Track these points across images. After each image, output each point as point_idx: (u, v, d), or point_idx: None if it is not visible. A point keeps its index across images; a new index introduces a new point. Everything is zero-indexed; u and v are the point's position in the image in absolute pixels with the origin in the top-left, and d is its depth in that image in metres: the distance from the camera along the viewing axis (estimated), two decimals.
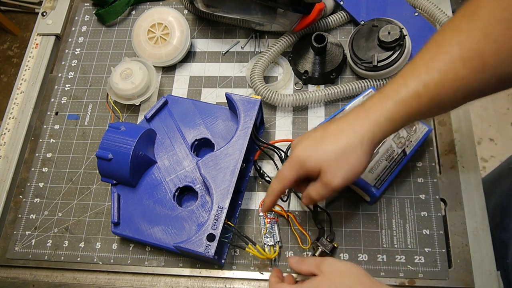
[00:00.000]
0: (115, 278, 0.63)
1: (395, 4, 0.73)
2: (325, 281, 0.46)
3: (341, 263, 0.47)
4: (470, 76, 0.41)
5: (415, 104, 0.43)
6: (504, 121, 1.65)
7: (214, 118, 0.65)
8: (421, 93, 0.43)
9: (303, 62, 0.71)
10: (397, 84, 0.44)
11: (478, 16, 0.40)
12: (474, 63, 0.40)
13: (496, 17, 0.39)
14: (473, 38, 0.40)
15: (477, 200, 0.62)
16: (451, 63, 0.41)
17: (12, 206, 0.70)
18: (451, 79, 0.41)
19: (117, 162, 0.59)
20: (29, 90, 0.79)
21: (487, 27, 0.40)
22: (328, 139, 0.47)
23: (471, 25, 0.41)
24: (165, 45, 0.73)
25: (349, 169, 0.46)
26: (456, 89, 0.42)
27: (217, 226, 0.54)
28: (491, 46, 0.40)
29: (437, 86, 0.42)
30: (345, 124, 0.46)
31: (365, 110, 0.45)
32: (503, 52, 0.39)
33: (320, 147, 0.47)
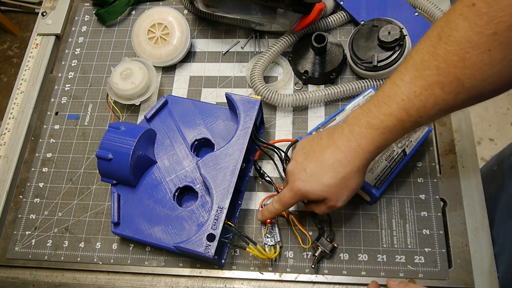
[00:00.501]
0: (115, 278, 0.63)
1: (395, 4, 0.73)
2: None
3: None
4: (450, 98, 0.43)
5: (399, 129, 0.46)
6: (504, 121, 1.65)
7: (214, 118, 0.65)
8: (405, 119, 0.45)
9: (303, 62, 0.71)
10: (382, 113, 0.46)
11: (453, 39, 0.41)
12: (452, 86, 0.42)
13: (472, 41, 0.39)
14: (450, 62, 0.41)
15: (477, 200, 0.62)
16: (430, 88, 0.43)
17: (12, 206, 0.70)
18: (432, 102, 0.43)
19: (117, 162, 0.59)
20: (29, 90, 0.79)
21: (464, 51, 0.40)
22: (326, 173, 0.50)
23: (448, 49, 0.41)
24: (165, 45, 0.73)
25: (350, 192, 0.52)
26: (437, 111, 0.44)
27: (217, 226, 0.54)
28: (468, 70, 0.40)
29: (419, 110, 0.44)
30: (338, 155, 0.49)
31: (355, 140, 0.48)
32: (480, 76, 0.40)
33: (320, 182, 0.50)
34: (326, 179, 0.50)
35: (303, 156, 0.53)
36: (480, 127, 1.64)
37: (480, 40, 0.39)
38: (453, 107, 0.44)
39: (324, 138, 0.52)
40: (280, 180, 0.66)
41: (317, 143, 0.52)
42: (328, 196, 0.51)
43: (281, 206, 0.55)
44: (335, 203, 0.52)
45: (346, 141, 0.49)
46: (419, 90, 0.43)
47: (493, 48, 0.38)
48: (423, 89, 0.43)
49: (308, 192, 0.51)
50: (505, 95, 1.68)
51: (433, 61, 0.42)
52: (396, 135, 0.47)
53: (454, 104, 0.43)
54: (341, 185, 0.50)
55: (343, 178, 0.49)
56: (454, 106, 0.44)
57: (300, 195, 0.52)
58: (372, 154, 0.49)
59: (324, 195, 0.51)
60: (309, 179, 0.51)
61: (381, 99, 0.46)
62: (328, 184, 0.50)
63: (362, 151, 0.48)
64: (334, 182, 0.50)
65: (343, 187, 0.50)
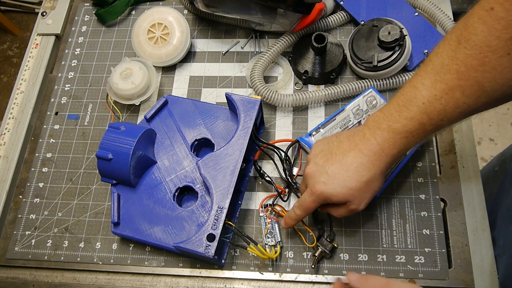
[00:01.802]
0: (115, 278, 0.63)
1: (395, 4, 0.73)
2: None
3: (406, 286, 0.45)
4: (471, 101, 0.43)
5: (421, 133, 0.47)
6: (504, 121, 1.65)
7: (214, 118, 0.65)
8: (426, 123, 0.46)
9: (303, 62, 0.71)
10: (403, 117, 0.46)
11: (473, 44, 0.41)
12: (473, 90, 0.42)
13: (491, 45, 0.40)
14: (470, 66, 0.41)
15: (477, 200, 0.62)
16: (451, 92, 0.43)
17: (12, 206, 0.70)
18: (453, 106, 0.44)
19: (117, 162, 0.59)
20: (29, 90, 0.79)
21: (483, 56, 0.40)
22: (350, 177, 0.49)
23: (467, 53, 0.42)
24: (165, 45, 0.73)
25: (372, 195, 0.52)
26: (458, 114, 0.44)
27: (217, 226, 0.54)
28: (488, 74, 0.41)
29: (440, 114, 0.45)
30: (362, 159, 0.49)
31: (378, 144, 0.48)
32: (500, 79, 0.41)
33: (344, 184, 0.50)
34: (351, 183, 0.49)
35: (323, 158, 0.52)
36: (480, 127, 1.64)
37: (499, 44, 0.39)
38: (474, 110, 0.44)
39: (344, 142, 0.51)
40: (280, 180, 0.66)
41: (337, 146, 0.51)
42: (351, 199, 0.51)
43: (303, 211, 0.54)
44: (357, 206, 0.51)
45: (369, 144, 0.49)
46: (440, 93, 0.44)
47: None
48: (444, 93, 0.44)
49: (331, 195, 0.50)
50: None
51: (453, 65, 0.43)
52: (417, 139, 0.47)
53: (474, 107, 0.44)
54: (365, 189, 0.50)
55: (367, 182, 0.49)
56: (475, 109, 0.44)
57: (322, 199, 0.51)
58: (394, 158, 0.49)
59: (348, 198, 0.50)
60: (332, 181, 0.50)
61: (402, 102, 0.47)
62: (352, 187, 0.49)
63: (385, 155, 0.48)
64: (358, 186, 0.49)
65: (366, 190, 0.50)
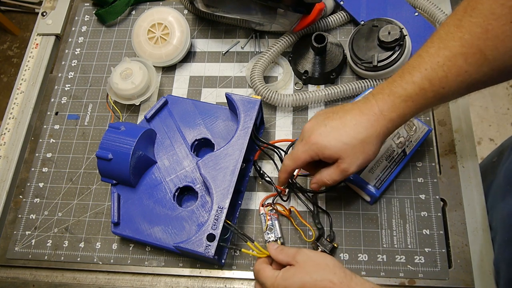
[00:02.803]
0: (115, 278, 0.63)
1: (395, 4, 0.73)
2: (299, 272, 0.47)
3: (316, 254, 0.49)
4: (472, 70, 0.43)
5: (421, 99, 0.47)
6: (504, 121, 1.65)
7: (214, 118, 0.65)
8: (427, 89, 0.46)
9: (303, 62, 0.71)
10: (405, 81, 0.47)
11: (478, 12, 0.42)
12: (475, 58, 0.43)
13: (495, 13, 0.41)
14: (474, 34, 0.42)
15: (477, 200, 0.62)
16: (454, 58, 0.44)
17: (12, 206, 0.70)
18: (455, 73, 0.44)
19: (117, 162, 0.59)
20: (29, 90, 0.79)
21: (487, 23, 0.42)
22: (347, 131, 0.49)
23: (472, 21, 0.43)
24: (165, 45, 0.73)
25: (365, 158, 0.50)
26: (459, 83, 0.45)
27: (217, 226, 0.54)
28: (491, 42, 0.42)
29: (442, 81, 0.45)
30: (361, 118, 0.49)
31: (378, 105, 0.48)
32: (502, 47, 0.42)
33: (339, 138, 0.49)
34: (346, 137, 0.49)
35: (324, 115, 0.52)
36: (480, 127, 1.64)
37: (502, 11, 0.40)
38: (475, 81, 0.44)
39: (348, 105, 0.52)
40: None
41: (340, 108, 0.52)
42: (343, 156, 0.50)
43: (292, 162, 0.54)
44: (348, 166, 0.50)
45: (370, 105, 0.49)
46: (443, 60, 0.44)
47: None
48: (447, 60, 0.44)
49: (325, 147, 0.50)
50: (505, 95, 1.68)
51: (457, 32, 0.44)
52: (418, 106, 0.47)
53: (476, 77, 0.44)
54: (359, 148, 0.49)
55: (363, 141, 0.49)
56: (476, 79, 0.44)
57: (315, 150, 0.51)
58: (393, 123, 0.49)
59: (340, 154, 0.50)
60: (328, 134, 0.50)
61: (406, 70, 0.47)
62: (347, 142, 0.49)
63: (384, 117, 0.48)
64: (353, 142, 0.49)
65: (360, 150, 0.49)
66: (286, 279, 0.47)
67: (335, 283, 0.45)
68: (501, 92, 1.69)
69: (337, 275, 0.46)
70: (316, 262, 0.48)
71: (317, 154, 0.51)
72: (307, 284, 0.46)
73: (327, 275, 0.46)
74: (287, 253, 0.51)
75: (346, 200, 0.64)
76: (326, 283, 0.45)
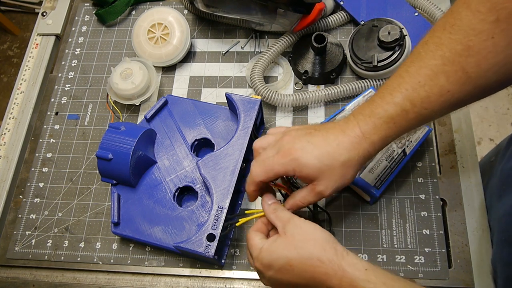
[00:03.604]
0: (115, 278, 0.63)
1: (395, 4, 0.73)
2: (286, 246, 0.44)
3: (307, 226, 0.45)
4: (455, 89, 0.42)
5: (403, 121, 0.45)
6: (504, 121, 1.65)
7: (214, 118, 0.65)
8: (409, 110, 0.44)
9: (303, 62, 0.71)
10: (385, 102, 0.45)
11: (457, 28, 0.41)
12: (457, 76, 0.41)
13: (475, 29, 0.39)
14: (454, 51, 0.41)
15: (477, 200, 0.62)
16: (435, 77, 0.42)
17: (12, 206, 0.70)
18: (437, 93, 0.42)
19: (117, 162, 0.59)
20: (29, 90, 0.79)
21: (467, 39, 0.40)
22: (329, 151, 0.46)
23: (452, 37, 0.41)
24: (165, 45, 0.73)
25: (342, 182, 0.47)
26: (442, 103, 0.43)
27: (217, 226, 0.54)
28: (472, 59, 0.40)
29: (424, 101, 0.43)
30: (343, 138, 0.46)
31: (359, 127, 0.46)
32: (485, 64, 0.40)
33: (321, 158, 0.46)
34: (327, 158, 0.45)
35: (304, 130, 0.48)
36: (480, 127, 1.64)
37: (483, 27, 0.39)
38: (458, 100, 0.43)
39: (329, 123, 0.49)
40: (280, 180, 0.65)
41: (322, 126, 0.49)
42: (321, 177, 0.46)
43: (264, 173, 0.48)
44: (325, 189, 0.46)
45: (352, 126, 0.46)
46: (424, 80, 0.43)
47: (496, 35, 0.38)
48: (428, 79, 0.42)
49: (304, 166, 0.45)
50: (505, 95, 1.68)
51: (438, 51, 0.42)
52: (400, 128, 0.45)
53: (459, 96, 0.42)
54: (339, 171, 0.46)
55: (343, 164, 0.46)
56: (459, 99, 0.43)
57: (293, 166, 0.46)
58: (374, 146, 0.46)
59: (318, 175, 0.46)
60: (310, 151, 0.46)
61: (386, 90, 0.46)
62: (327, 163, 0.45)
63: (366, 139, 0.46)
64: (334, 164, 0.45)
65: (339, 173, 0.46)
66: (272, 252, 0.44)
67: (324, 262, 0.42)
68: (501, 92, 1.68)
69: (327, 252, 0.43)
70: (305, 236, 0.44)
71: (294, 170, 0.46)
72: (293, 261, 0.43)
73: (316, 252, 0.43)
74: (278, 217, 0.47)
75: (346, 200, 0.64)
76: (314, 261, 0.42)
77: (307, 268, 0.43)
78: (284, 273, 0.44)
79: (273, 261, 0.44)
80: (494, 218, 0.60)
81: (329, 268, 0.42)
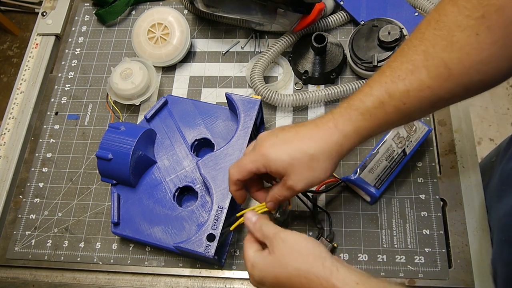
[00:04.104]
0: (115, 278, 0.63)
1: (395, 4, 0.73)
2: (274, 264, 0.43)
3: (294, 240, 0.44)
4: (436, 85, 0.41)
5: (380, 114, 0.43)
6: (504, 121, 1.65)
7: (214, 118, 0.65)
8: (386, 102, 0.43)
9: (303, 62, 0.71)
10: (363, 94, 0.44)
11: (442, 24, 0.40)
12: (439, 72, 0.40)
13: (460, 25, 0.39)
14: (438, 47, 0.40)
15: (477, 200, 0.62)
16: (416, 72, 0.41)
17: (12, 206, 0.70)
18: (416, 88, 0.41)
19: (117, 162, 0.59)
20: (29, 90, 0.79)
21: (451, 35, 0.39)
22: (297, 145, 0.45)
23: (436, 33, 0.40)
24: (165, 45, 0.73)
25: (313, 176, 0.46)
26: (421, 98, 0.42)
27: (217, 226, 0.54)
28: (455, 55, 0.39)
29: (402, 95, 0.42)
30: (314, 131, 0.45)
31: (334, 119, 0.45)
32: (467, 61, 0.39)
33: (288, 151, 0.45)
34: (295, 151, 0.45)
35: (281, 127, 0.49)
36: (480, 127, 1.64)
37: (468, 23, 0.38)
38: (439, 98, 0.42)
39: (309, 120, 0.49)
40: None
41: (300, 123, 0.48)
42: (289, 172, 0.45)
43: (237, 171, 0.48)
44: (294, 183, 0.46)
45: (326, 120, 0.46)
46: (404, 74, 0.42)
47: (481, 32, 0.38)
48: (409, 73, 0.41)
49: (272, 160, 0.45)
50: (505, 95, 1.68)
51: (421, 46, 0.41)
52: (376, 121, 0.44)
53: (439, 93, 0.41)
54: (307, 164, 0.45)
55: (310, 156, 0.44)
56: (440, 96, 0.42)
57: (262, 162, 0.46)
58: (348, 139, 0.44)
59: (287, 170, 0.45)
60: (278, 146, 0.46)
61: (366, 84, 0.45)
62: (295, 157, 0.45)
63: (339, 131, 0.44)
64: (301, 158, 0.44)
65: (307, 167, 0.45)
66: (261, 270, 0.44)
67: (311, 279, 0.40)
68: (501, 92, 1.69)
69: (314, 268, 0.41)
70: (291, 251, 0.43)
71: (264, 166, 0.46)
72: (282, 279, 0.42)
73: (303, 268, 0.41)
74: (265, 234, 0.46)
75: (346, 200, 0.64)
76: (301, 279, 0.41)
77: (296, 285, 0.42)
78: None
79: (263, 278, 0.44)
80: (494, 218, 0.60)
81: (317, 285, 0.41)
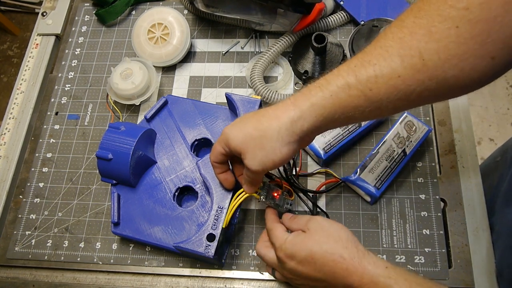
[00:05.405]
0: (115, 278, 0.63)
1: (395, 4, 0.73)
2: (309, 239, 0.45)
3: (329, 224, 0.47)
4: (407, 75, 0.39)
5: (343, 95, 0.41)
6: (504, 121, 1.65)
7: (214, 118, 0.65)
8: (352, 85, 0.41)
9: (303, 62, 0.71)
10: (331, 74, 0.43)
11: (424, 13, 0.39)
12: (412, 61, 0.38)
13: (442, 15, 0.37)
14: (415, 35, 0.38)
15: (477, 200, 0.62)
16: (389, 58, 0.39)
17: (12, 206, 0.70)
18: (386, 75, 0.39)
19: (117, 162, 0.59)
20: (29, 90, 0.79)
21: (430, 25, 0.38)
22: (252, 122, 0.45)
23: (416, 21, 0.39)
24: (165, 45, 0.73)
25: (265, 156, 0.44)
26: (390, 87, 0.40)
27: (217, 226, 0.54)
28: (432, 45, 0.38)
29: (370, 80, 0.40)
30: (272, 109, 0.45)
31: (294, 96, 0.44)
32: (444, 54, 0.37)
33: (243, 129, 0.45)
34: (247, 128, 0.45)
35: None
36: (480, 127, 1.64)
37: (450, 14, 0.37)
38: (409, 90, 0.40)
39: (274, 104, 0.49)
40: None
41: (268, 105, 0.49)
42: (244, 150, 0.45)
43: (212, 155, 0.51)
44: (249, 162, 0.45)
45: (287, 99, 0.44)
46: (376, 59, 0.40)
47: (462, 25, 0.36)
48: (381, 59, 0.40)
49: (230, 139, 0.46)
50: (505, 95, 1.68)
51: (398, 33, 0.40)
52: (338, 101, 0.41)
53: (410, 84, 0.39)
54: (258, 141, 0.44)
55: (263, 133, 0.44)
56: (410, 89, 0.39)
57: (224, 140, 0.47)
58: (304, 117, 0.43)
59: (242, 147, 0.45)
60: (236, 124, 0.47)
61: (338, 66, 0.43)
62: (246, 133, 0.45)
63: (295, 108, 0.43)
64: (253, 134, 0.44)
65: (259, 145, 0.44)
66: (295, 244, 0.45)
67: (345, 259, 0.43)
68: (501, 92, 1.69)
69: (349, 249, 0.44)
70: (328, 232, 0.45)
71: (225, 145, 0.47)
72: (316, 254, 0.44)
73: (338, 248, 0.44)
74: (299, 222, 0.49)
75: (346, 200, 0.64)
76: (335, 257, 0.43)
77: (329, 262, 0.44)
78: (305, 265, 0.45)
79: (296, 252, 0.45)
80: (502, 222, 0.60)
81: (350, 265, 0.43)
